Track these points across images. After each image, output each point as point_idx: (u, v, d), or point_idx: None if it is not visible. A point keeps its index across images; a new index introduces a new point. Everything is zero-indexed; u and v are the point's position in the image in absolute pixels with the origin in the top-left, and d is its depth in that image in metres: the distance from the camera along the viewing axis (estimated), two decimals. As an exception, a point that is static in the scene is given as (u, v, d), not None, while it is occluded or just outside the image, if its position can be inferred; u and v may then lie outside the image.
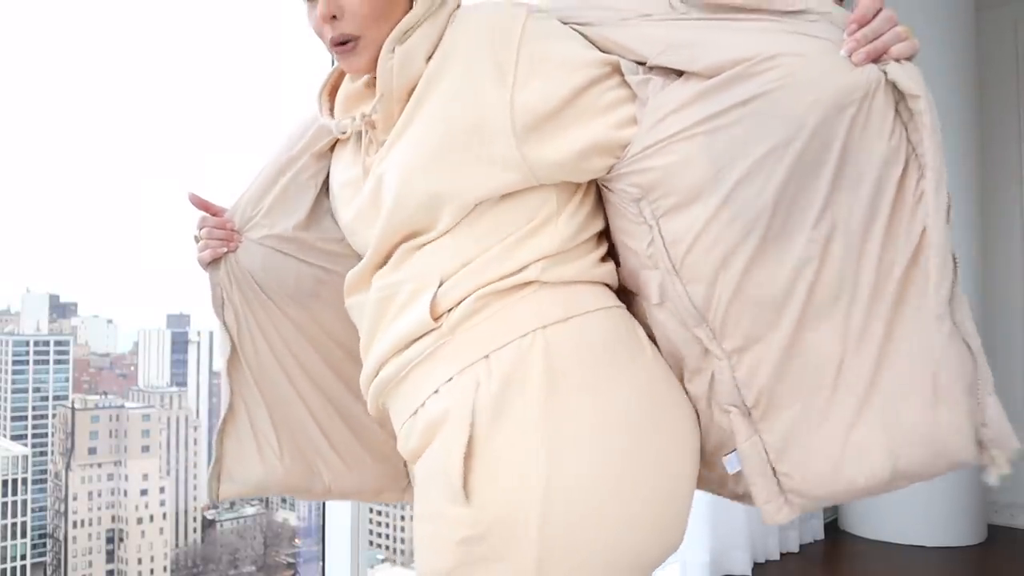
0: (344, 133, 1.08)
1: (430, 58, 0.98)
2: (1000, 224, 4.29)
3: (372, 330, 1.01)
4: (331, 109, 1.15)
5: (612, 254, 1.05)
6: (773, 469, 1.00)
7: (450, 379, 0.94)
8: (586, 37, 0.96)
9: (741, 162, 0.89)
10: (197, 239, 1.23)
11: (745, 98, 0.89)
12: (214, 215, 1.24)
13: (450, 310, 0.95)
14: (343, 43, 1.00)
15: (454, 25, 0.99)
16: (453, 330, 0.95)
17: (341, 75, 1.16)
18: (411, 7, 1.00)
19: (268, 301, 1.26)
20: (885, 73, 0.90)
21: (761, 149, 0.88)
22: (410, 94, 0.98)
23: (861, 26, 0.91)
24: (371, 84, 1.09)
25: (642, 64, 0.95)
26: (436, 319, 0.95)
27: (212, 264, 1.24)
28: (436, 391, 0.95)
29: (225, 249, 1.22)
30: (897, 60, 0.91)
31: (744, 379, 0.95)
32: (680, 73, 0.93)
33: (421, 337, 0.96)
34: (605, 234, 1.05)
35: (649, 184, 0.93)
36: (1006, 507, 4.18)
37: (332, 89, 1.18)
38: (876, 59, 0.89)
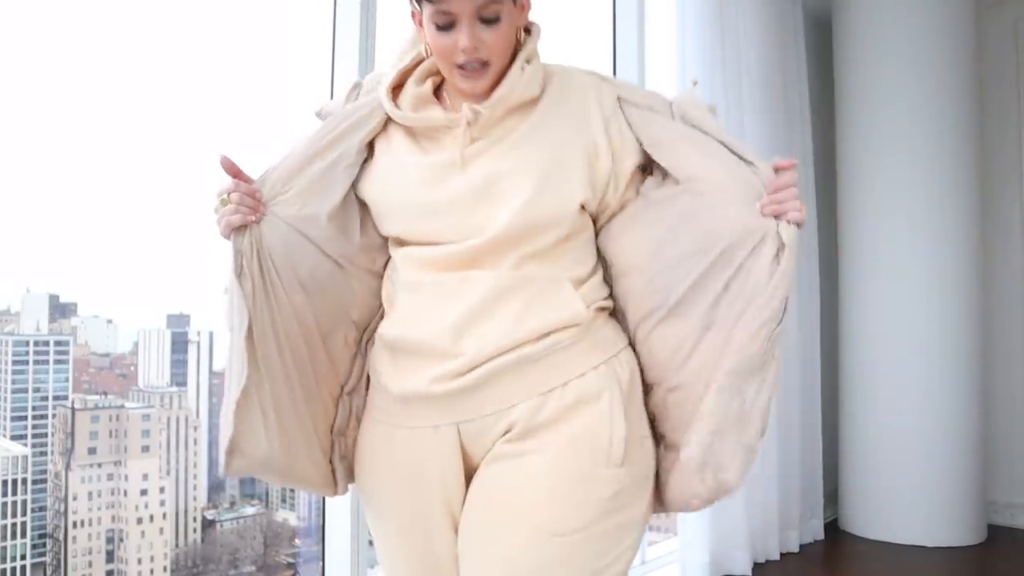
0: (443, 123, 1.21)
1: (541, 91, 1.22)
2: (1000, 224, 4.29)
3: (476, 310, 1.15)
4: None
5: None
6: None
7: (596, 367, 1.18)
8: (624, 110, 1.25)
9: (671, 252, 1.21)
10: (224, 202, 1.22)
11: (688, 209, 1.20)
12: (244, 183, 1.23)
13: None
14: (478, 69, 1.18)
15: (560, 76, 1.25)
16: (588, 328, 1.20)
17: (403, 78, 1.27)
18: (519, 46, 1.23)
19: (277, 281, 1.24)
20: (778, 227, 1.18)
21: (688, 247, 1.20)
22: (515, 109, 1.20)
23: (776, 191, 1.19)
24: (436, 92, 1.26)
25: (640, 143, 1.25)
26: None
27: (237, 230, 1.22)
28: (583, 374, 1.17)
29: (253, 217, 1.22)
30: (788, 222, 1.18)
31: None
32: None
33: (566, 328, 1.17)
34: None
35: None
36: (1006, 507, 4.18)
37: (394, 89, 1.28)
38: (776, 216, 1.17)
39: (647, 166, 1.28)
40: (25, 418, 2.69)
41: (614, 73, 3.42)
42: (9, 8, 2.44)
